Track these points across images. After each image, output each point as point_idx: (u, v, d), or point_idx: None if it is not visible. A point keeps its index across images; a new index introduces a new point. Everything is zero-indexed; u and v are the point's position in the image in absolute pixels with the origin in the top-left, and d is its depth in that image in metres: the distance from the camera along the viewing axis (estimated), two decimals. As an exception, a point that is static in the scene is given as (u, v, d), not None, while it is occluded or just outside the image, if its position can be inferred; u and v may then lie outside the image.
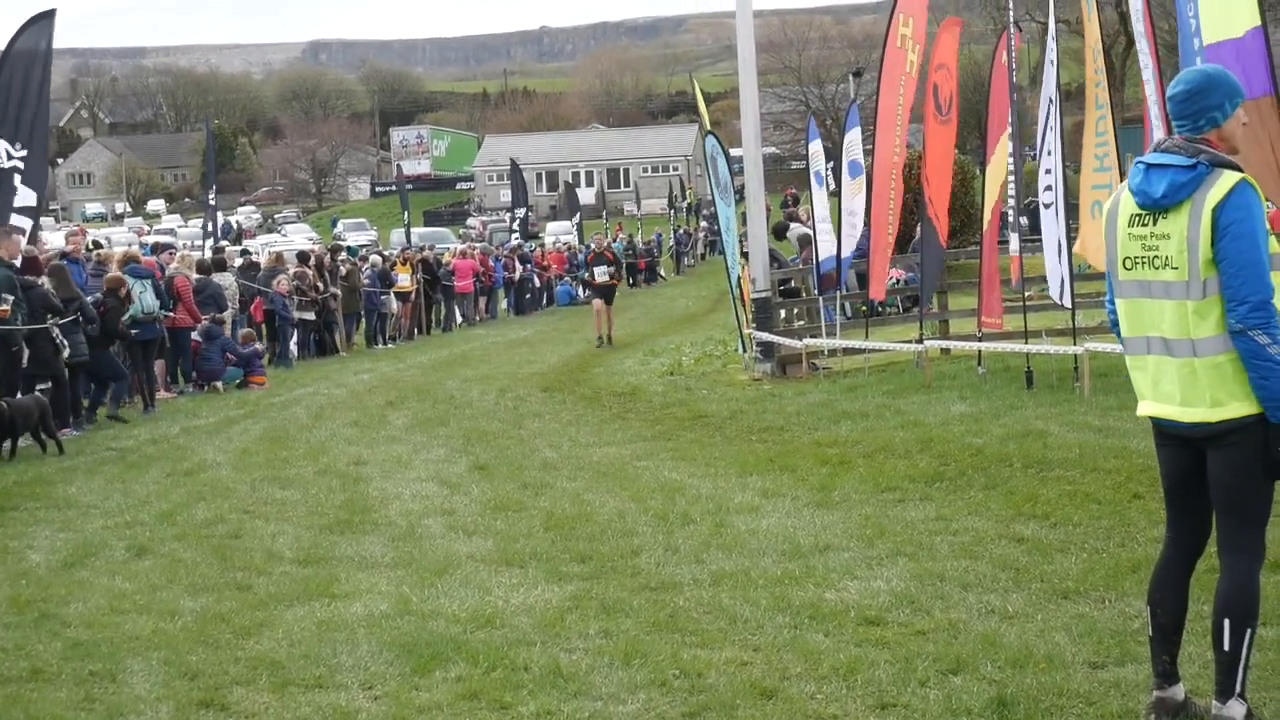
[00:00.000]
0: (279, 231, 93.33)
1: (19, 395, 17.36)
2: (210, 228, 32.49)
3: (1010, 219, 18.88)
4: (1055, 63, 18.28)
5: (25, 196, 19.47)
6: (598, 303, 33.81)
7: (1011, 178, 18.51)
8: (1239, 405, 6.07)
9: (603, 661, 7.88)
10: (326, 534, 12.01)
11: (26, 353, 18.07)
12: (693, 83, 31.59)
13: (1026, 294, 18.99)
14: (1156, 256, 6.20)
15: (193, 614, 9.38)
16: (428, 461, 15.90)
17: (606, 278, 33.60)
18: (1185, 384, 6.18)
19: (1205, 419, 6.14)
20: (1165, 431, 6.42)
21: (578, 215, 76.93)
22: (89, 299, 19.89)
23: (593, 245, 37.62)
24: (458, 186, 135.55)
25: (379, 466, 15.63)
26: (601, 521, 11.88)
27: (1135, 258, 6.31)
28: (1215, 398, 6.10)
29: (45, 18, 20.17)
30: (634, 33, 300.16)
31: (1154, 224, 6.22)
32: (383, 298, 36.41)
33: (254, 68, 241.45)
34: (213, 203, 34.24)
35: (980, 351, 19.48)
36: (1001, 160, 18.85)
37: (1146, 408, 6.46)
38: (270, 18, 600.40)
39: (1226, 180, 6.04)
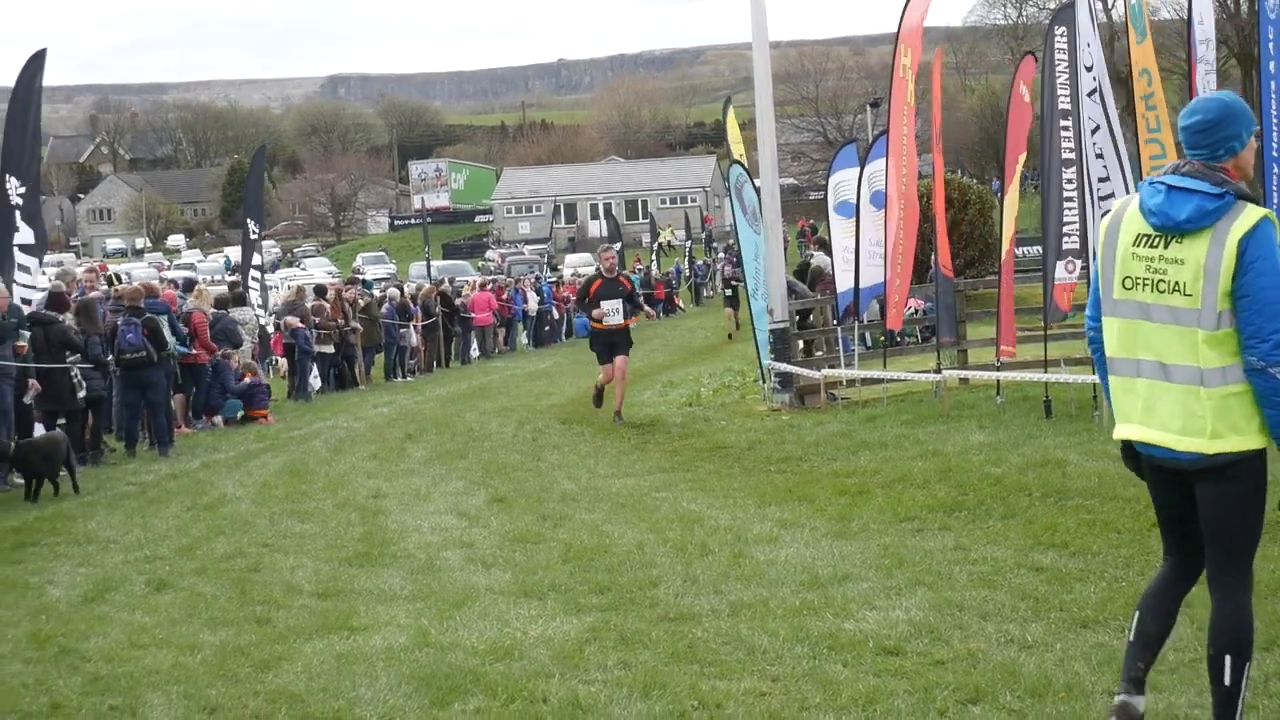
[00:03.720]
0: (298, 265, 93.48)
1: (36, 433, 17.44)
2: (258, 260, 30.32)
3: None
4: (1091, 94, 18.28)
5: (25, 234, 19.57)
6: (607, 368, 22.34)
7: (1073, 207, 18.46)
8: (1238, 439, 6.04)
9: (621, 693, 7.88)
10: (345, 567, 12.02)
11: (36, 389, 18.16)
12: (726, 107, 30.73)
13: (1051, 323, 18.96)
14: (1163, 280, 6.12)
15: (212, 648, 9.39)
16: (446, 494, 15.90)
17: (617, 318, 22.07)
18: (1186, 413, 6.10)
19: (1203, 450, 6.07)
20: (1155, 463, 6.34)
21: (619, 244, 77.36)
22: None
23: (599, 267, 23.04)
24: (476, 219, 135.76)
25: (398, 499, 15.64)
26: (620, 553, 11.88)
27: (1138, 278, 6.22)
28: (1216, 430, 6.04)
29: (39, 57, 20.37)
30: (651, 65, 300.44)
31: (1165, 247, 6.13)
32: (402, 331, 36.42)
33: (273, 102, 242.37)
34: (254, 234, 30.68)
35: (999, 381, 19.47)
36: (1019, 190, 18.89)
37: (1131, 431, 6.36)
38: (289, 53, 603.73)
39: (1252, 214, 5.99)
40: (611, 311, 21.96)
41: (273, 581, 11.56)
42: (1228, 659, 6.08)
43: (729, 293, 48.12)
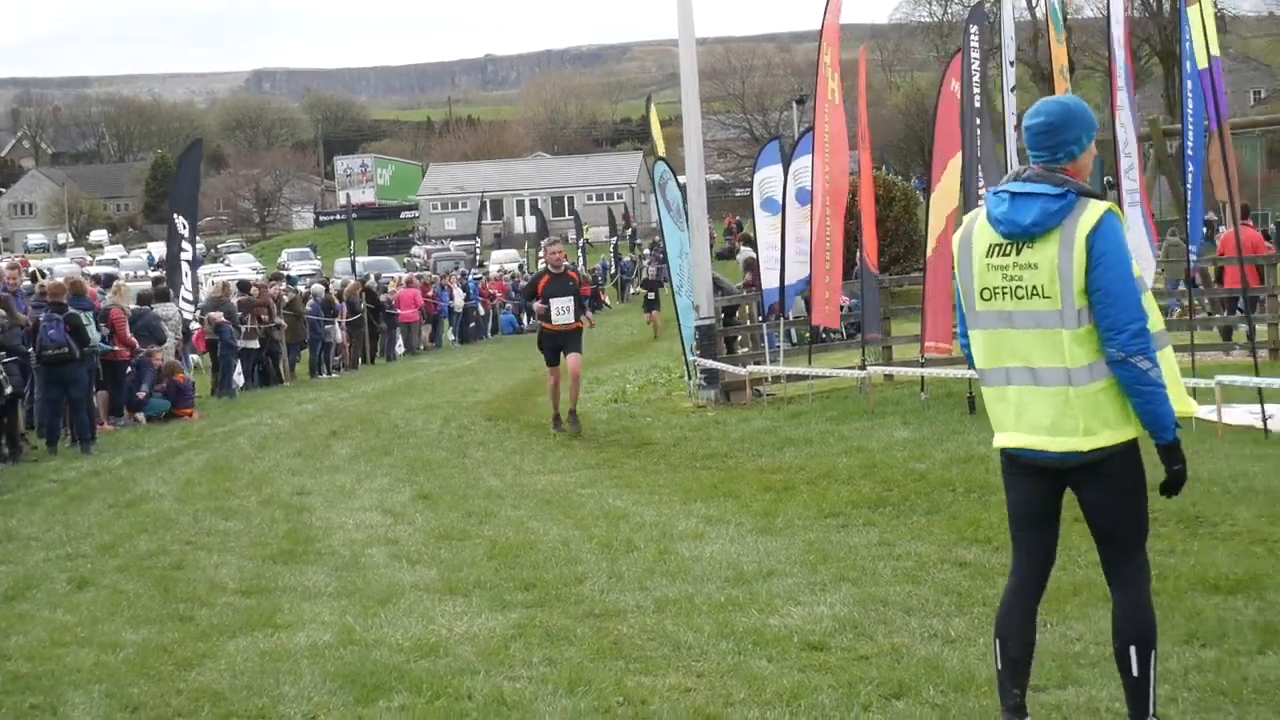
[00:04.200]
0: (222, 261, 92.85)
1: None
2: (190, 254, 29.52)
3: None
4: (1013, 89, 18.44)
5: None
6: (554, 369, 20.64)
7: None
8: (1110, 433, 6.09)
9: (546, 690, 7.87)
10: (270, 564, 11.95)
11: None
12: (649, 105, 30.34)
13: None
14: (1020, 286, 6.15)
15: (134, 646, 9.32)
16: (371, 491, 15.85)
17: (569, 316, 20.17)
18: (1057, 413, 6.14)
19: (1077, 448, 6.12)
20: (1024, 463, 6.37)
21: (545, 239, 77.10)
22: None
23: (545, 263, 21.45)
24: (402, 215, 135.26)
25: (322, 496, 15.58)
26: (545, 549, 11.87)
27: (995, 288, 6.24)
28: (1088, 426, 6.09)
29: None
30: (578, 60, 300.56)
31: (1017, 253, 6.16)
32: (327, 327, 36.27)
33: (197, 97, 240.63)
34: (183, 230, 28.97)
35: (923, 377, 19.57)
36: (949, 186, 18.97)
37: (1008, 439, 6.39)
38: (214, 47, 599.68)
39: (1096, 209, 6.05)
40: (561, 310, 20.00)
41: (196, 579, 11.48)
42: (1133, 650, 6.13)
43: (651, 295, 48.35)
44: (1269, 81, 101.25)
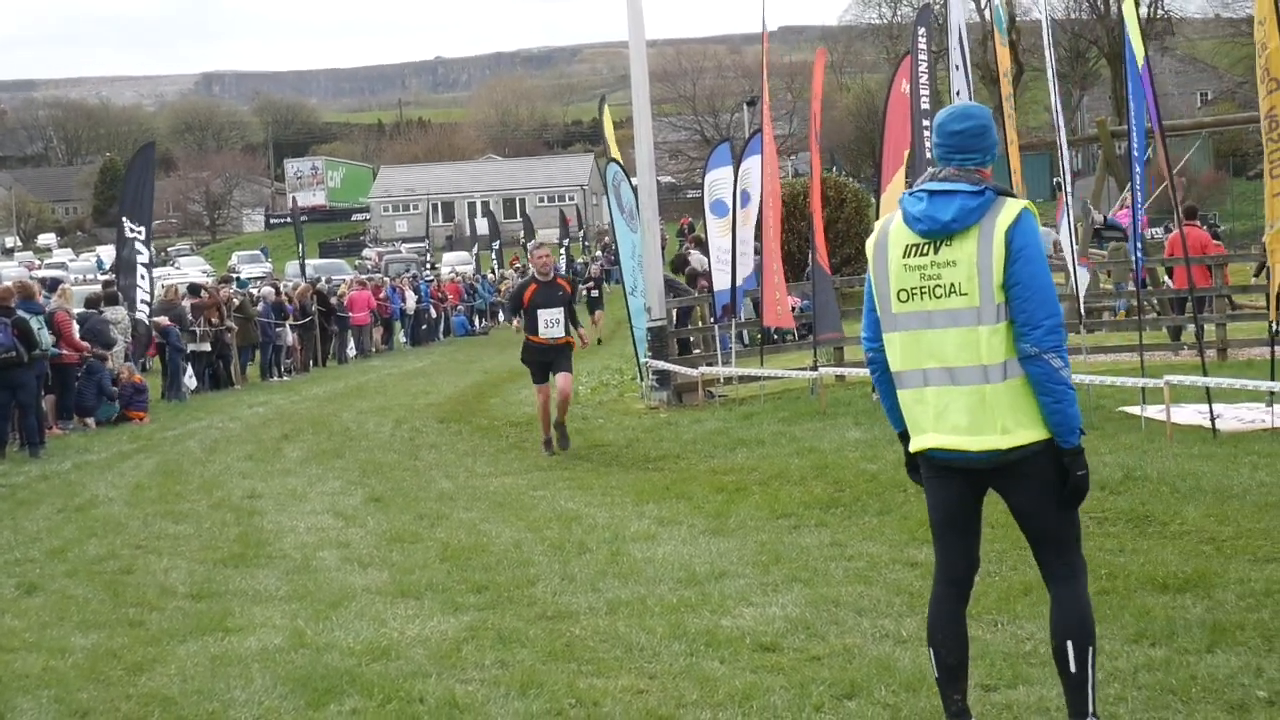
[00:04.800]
0: (172, 264, 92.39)
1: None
2: (145, 257, 29.13)
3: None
4: (964, 91, 18.48)
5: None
6: (542, 388, 18.33)
7: None
8: (1028, 432, 6.10)
9: (499, 692, 7.86)
10: (220, 568, 11.90)
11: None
12: (602, 106, 30.32)
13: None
14: (939, 285, 6.16)
15: (84, 651, 9.27)
16: (323, 494, 15.81)
17: (558, 329, 18.18)
18: (974, 412, 6.14)
19: (996, 446, 6.11)
20: (943, 465, 6.34)
21: (497, 242, 77.30)
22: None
23: (532, 270, 18.98)
24: (353, 218, 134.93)
25: (274, 500, 15.53)
26: (498, 552, 11.86)
27: (913, 288, 6.24)
28: (1005, 425, 6.09)
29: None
30: (529, 63, 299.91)
31: (935, 252, 6.18)
32: (278, 330, 36.13)
33: (146, 100, 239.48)
34: (133, 233, 28.51)
35: (875, 378, 19.59)
36: (898, 188, 19.01)
37: (927, 440, 6.34)
38: (163, 50, 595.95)
39: (1013, 206, 6.09)
40: (551, 323, 18.03)
41: (146, 583, 11.43)
42: (1070, 645, 6.14)
43: (595, 294, 48.19)
44: (1216, 83, 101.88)
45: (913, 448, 6.46)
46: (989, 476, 6.29)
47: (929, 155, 18.02)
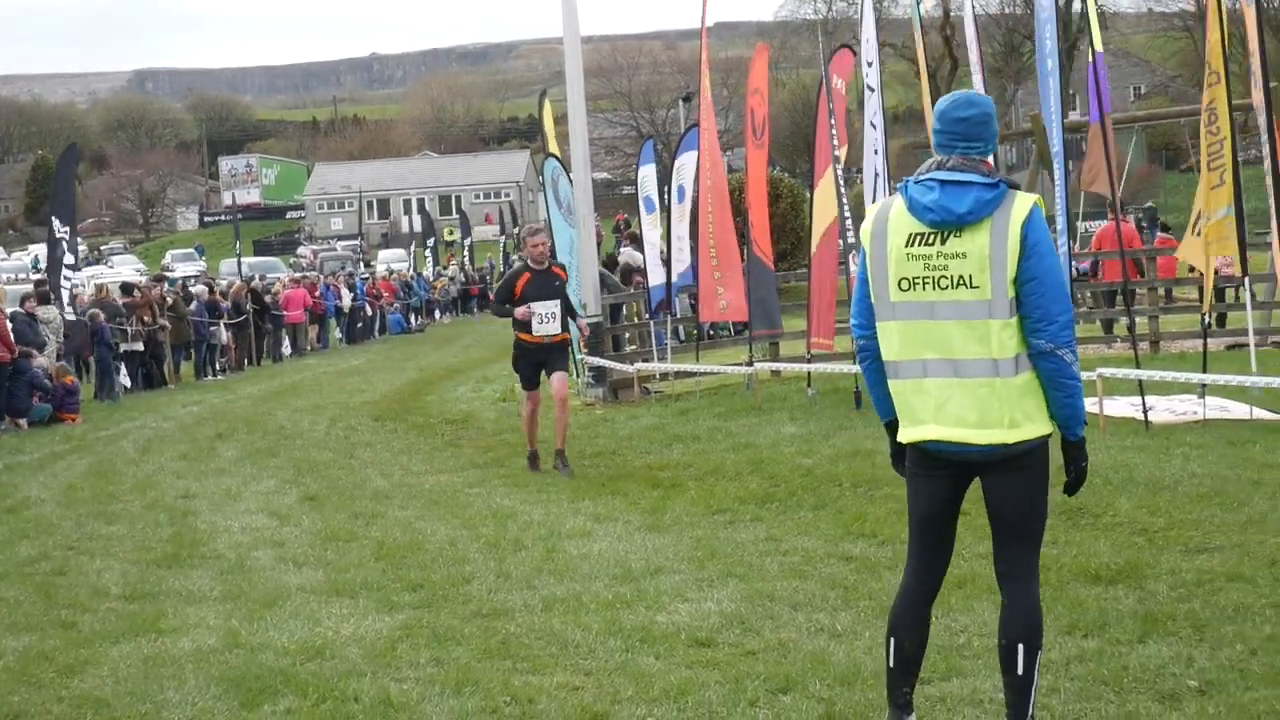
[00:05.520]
0: (106, 263, 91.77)
1: None
2: (71, 259, 28.97)
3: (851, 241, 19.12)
4: (876, 88, 18.59)
5: None
6: (533, 394, 16.48)
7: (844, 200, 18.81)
8: (1032, 427, 6.10)
9: (434, 690, 7.84)
10: (154, 569, 11.83)
11: None
12: (542, 101, 29.93)
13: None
14: (944, 276, 6.09)
15: (15, 654, 9.19)
16: (257, 493, 15.74)
17: (554, 325, 16.21)
18: (983, 405, 6.10)
19: (1003, 440, 6.08)
20: (940, 457, 6.31)
21: (432, 239, 76.99)
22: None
23: (522, 256, 17.32)
24: (288, 215, 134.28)
25: (208, 499, 15.45)
26: (433, 550, 11.84)
27: (915, 278, 6.16)
28: (1013, 419, 6.07)
29: None
30: (465, 59, 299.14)
31: (942, 243, 6.10)
32: (212, 329, 35.93)
33: (79, 97, 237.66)
34: (60, 234, 28.39)
35: (810, 373, 19.67)
36: (831, 182, 19.09)
37: (927, 431, 6.27)
38: (95, 47, 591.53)
39: (1025, 200, 6.04)
40: (546, 317, 16.07)
41: (78, 585, 11.35)
42: (1020, 648, 6.13)
43: None
44: (1149, 77, 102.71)
45: (907, 438, 6.39)
46: (982, 468, 6.26)
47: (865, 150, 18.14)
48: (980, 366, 6.10)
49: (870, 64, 19.12)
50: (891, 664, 6.47)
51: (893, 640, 6.46)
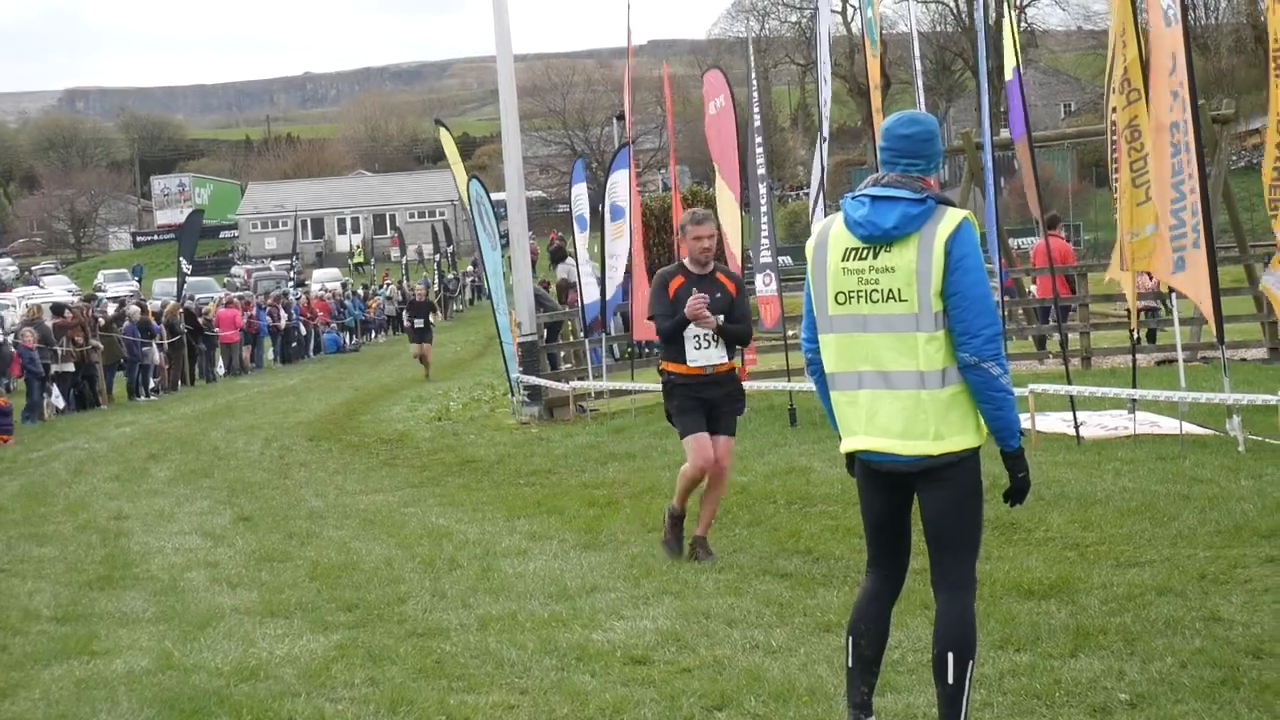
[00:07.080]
0: (37, 284, 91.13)
1: None
2: None
3: (764, 259, 19.23)
4: (827, 102, 18.75)
5: None
6: (701, 446, 11.17)
7: (764, 218, 18.91)
8: (959, 439, 6.17)
9: (369, 710, 7.82)
10: (86, 590, 11.75)
11: None
12: (440, 130, 29.31)
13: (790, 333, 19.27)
14: (876, 290, 6.20)
15: (-55, 677, 9.13)
16: (191, 514, 15.66)
17: (717, 351, 11.21)
18: (908, 417, 6.19)
19: (928, 451, 6.17)
20: (874, 467, 6.41)
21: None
22: None
23: (685, 258, 11.40)
24: (221, 235, 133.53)
25: (141, 520, 15.36)
26: (368, 569, 11.80)
27: (850, 292, 6.28)
28: (939, 431, 6.15)
29: None
30: (398, 78, 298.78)
31: (874, 257, 6.21)
32: (144, 349, 35.71)
33: (8, 116, 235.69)
34: None
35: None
36: (727, 198, 19.28)
37: (857, 442, 6.41)
38: (26, 65, 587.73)
39: (954, 215, 6.13)
40: (705, 340, 11.17)
41: (9, 607, 11.26)
42: (951, 656, 6.16)
43: (420, 323, 36.60)
44: (1079, 95, 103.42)
45: (844, 448, 6.53)
46: (913, 479, 6.33)
47: (759, 171, 18.28)
48: (908, 379, 6.19)
49: (827, 80, 19.24)
50: (850, 663, 6.53)
51: (850, 640, 6.53)
